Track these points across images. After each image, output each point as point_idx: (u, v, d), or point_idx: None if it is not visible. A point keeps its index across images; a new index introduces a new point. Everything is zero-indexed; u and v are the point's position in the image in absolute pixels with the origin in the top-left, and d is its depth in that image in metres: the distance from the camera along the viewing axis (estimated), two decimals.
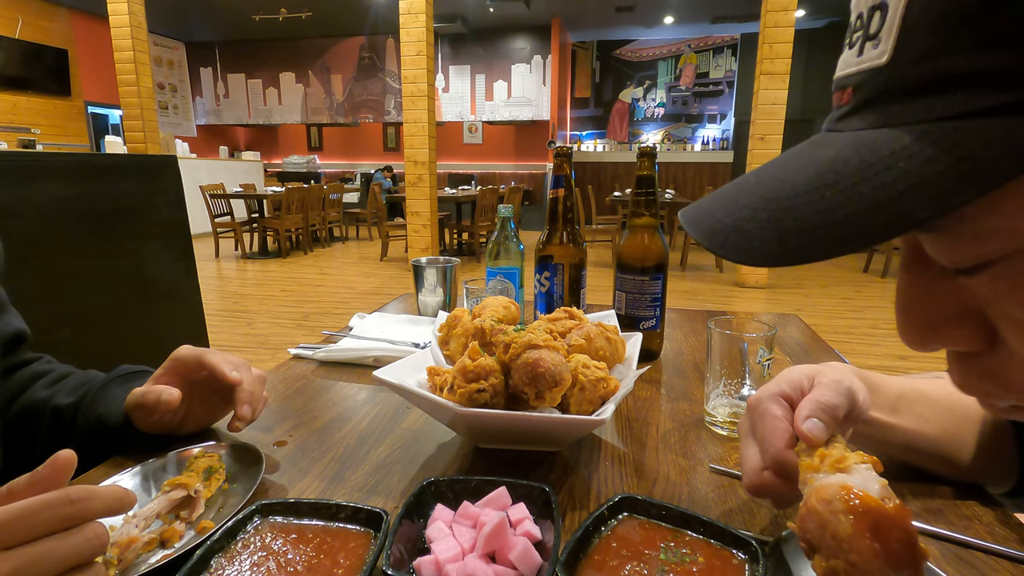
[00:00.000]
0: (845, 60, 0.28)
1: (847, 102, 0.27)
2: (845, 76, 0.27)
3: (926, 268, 0.29)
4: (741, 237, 0.27)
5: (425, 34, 5.72)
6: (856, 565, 0.33)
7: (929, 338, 0.30)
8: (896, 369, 3.41)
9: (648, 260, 0.95)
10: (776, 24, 5.09)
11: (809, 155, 0.28)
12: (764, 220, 0.27)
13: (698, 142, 10.87)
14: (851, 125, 0.27)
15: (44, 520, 0.35)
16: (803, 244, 0.25)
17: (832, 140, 0.28)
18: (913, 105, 0.23)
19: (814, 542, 0.35)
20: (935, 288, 0.29)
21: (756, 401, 0.49)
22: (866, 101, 0.26)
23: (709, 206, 0.31)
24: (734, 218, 0.28)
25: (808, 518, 0.36)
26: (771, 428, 0.46)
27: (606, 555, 0.45)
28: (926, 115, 0.23)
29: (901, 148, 0.23)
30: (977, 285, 0.26)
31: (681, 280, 5.93)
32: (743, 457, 0.49)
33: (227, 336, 3.89)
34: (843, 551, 0.33)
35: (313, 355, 0.98)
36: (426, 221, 6.16)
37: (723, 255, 0.28)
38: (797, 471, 0.41)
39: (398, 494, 0.58)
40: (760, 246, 0.26)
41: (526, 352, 0.60)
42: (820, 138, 0.29)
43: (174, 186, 1.74)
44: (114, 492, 0.39)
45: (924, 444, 0.56)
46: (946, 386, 0.60)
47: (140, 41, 6.29)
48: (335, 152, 12.18)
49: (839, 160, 0.25)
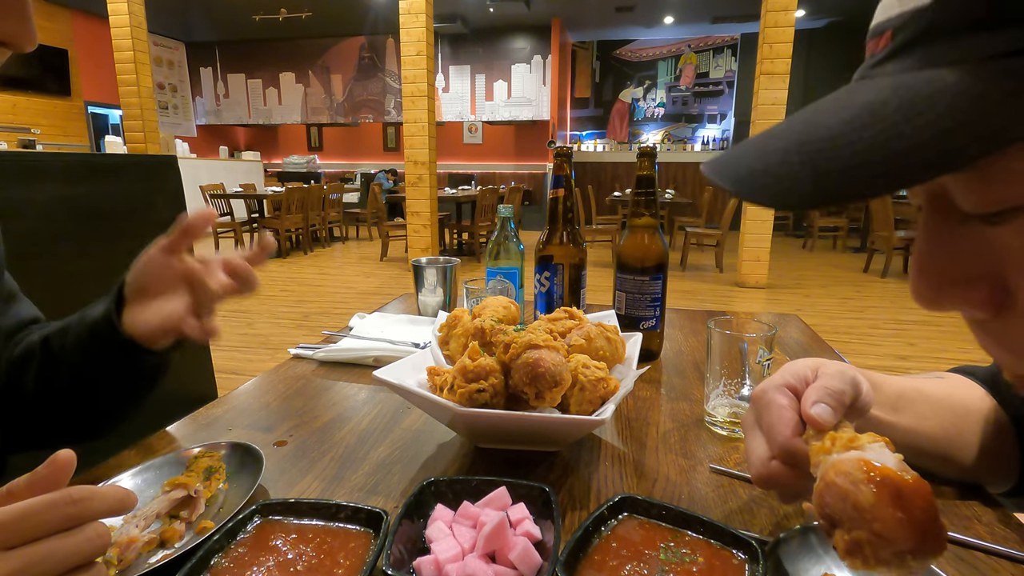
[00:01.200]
0: (885, 5, 0.27)
1: (884, 47, 0.27)
2: (885, 20, 0.27)
3: (948, 222, 0.28)
4: (771, 180, 0.26)
5: (425, 34, 5.72)
6: (881, 535, 0.32)
7: (942, 296, 0.30)
8: (896, 369, 3.41)
9: (648, 260, 0.95)
10: (776, 24, 5.09)
11: (843, 100, 0.27)
12: (796, 163, 0.26)
13: (698, 142, 10.87)
14: (887, 71, 0.26)
15: (46, 520, 0.35)
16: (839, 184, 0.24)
17: (867, 86, 0.27)
18: (959, 44, 0.23)
19: (834, 515, 0.34)
20: (956, 243, 0.29)
21: (761, 392, 0.48)
22: (906, 44, 0.25)
23: (734, 153, 0.30)
24: (764, 162, 0.27)
25: (827, 492, 0.35)
26: (777, 417, 0.45)
27: (606, 555, 0.45)
28: (973, 54, 0.22)
29: (946, 87, 0.23)
30: (1003, 235, 0.26)
31: (681, 280, 5.93)
32: (749, 449, 0.48)
33: (227, 336, 3.89)
34: (866, 521, 0.33)
35: (313, 355, 0.98)
36: (426, 221, 6.16)
37: (752, 199, 0.27)
38: (805, 459, 0.40)
39: (398, 494, 0.58)
40: (792, 187, 0.25)
41: (526, 352, 0.60)
42: (852, 86, 0.28)
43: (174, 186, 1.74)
44: (115, 492, 0.39)
45: (924, 443, 0.56)
46: (946, 386, 0.60)
47: (140, 41, 6.29)
48: (335, 152, 12.18)
49: (877, 102, 0.25)
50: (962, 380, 0.62)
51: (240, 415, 0.77)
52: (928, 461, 0.57)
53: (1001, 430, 0.57)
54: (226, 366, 3.35)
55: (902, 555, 0.32)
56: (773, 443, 0.45)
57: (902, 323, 4.37)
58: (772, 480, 0.45)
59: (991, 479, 0.58)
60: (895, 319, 4.48)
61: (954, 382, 0.61)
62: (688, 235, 6.52)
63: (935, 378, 0.61)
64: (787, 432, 0.44)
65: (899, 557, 0.32)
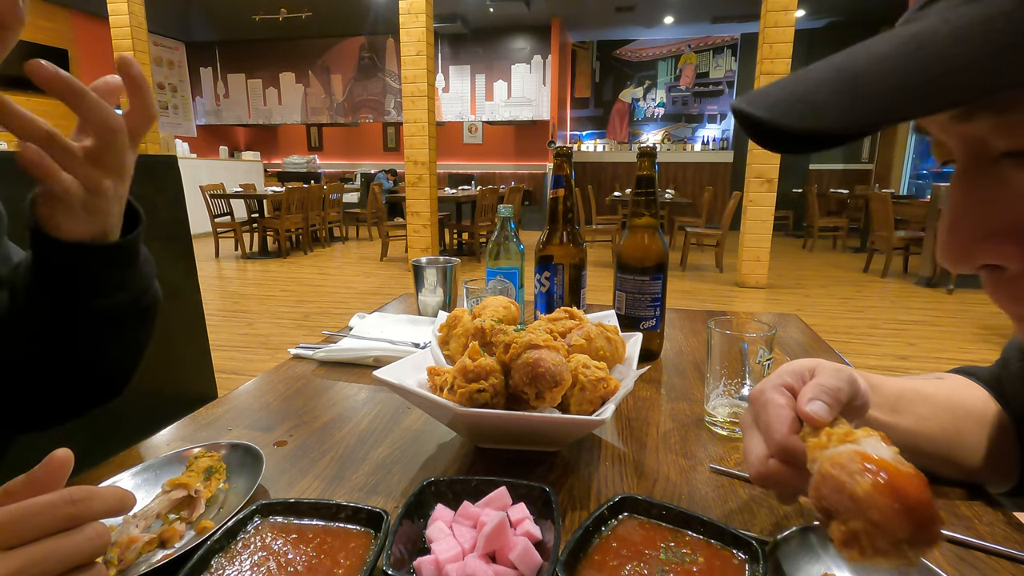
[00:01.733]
0: None
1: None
2: None
3: (982, 172, 0.29)
4: (806, 106, 0.25)
5: (425, 34, 5.72)
6: (877, 524, 0.32)
7: (972, 252, 0.30)
8: (896, 369, 3.41)
9: (648, 260, 0.95)
10: (776, 24, 5.09)
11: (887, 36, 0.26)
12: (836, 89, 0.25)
13: (698, 142, 10.86)
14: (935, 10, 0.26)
15: (46, 520, 0.35)
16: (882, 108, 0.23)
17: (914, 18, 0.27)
18: None
19: (831, 507, 0.35)
20: (990, 193, 0.29)
21: (758, 392, 0.48)
22: None
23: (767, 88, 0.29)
24: (801, 89, 0.26)
25: (823, 483, 0.35)
26: (775, 416, 0.45)
27: (606, 555, 0.45)
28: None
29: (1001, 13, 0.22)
30: None
31: (681, 280, 5.93)
32: (747, 448, 0.48)
33: (227, 336, 3.89)
34: (862, 511, 0.33)
35: (313, 355, 0.98)
36: (426, 221, 6.17)
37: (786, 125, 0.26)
38: (803, 457, 0.40)
39: (398, 494, 0.58)
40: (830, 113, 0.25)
41: (526, 352, 0.60)
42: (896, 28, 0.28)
43: (174, 186, 1.74)
44: (115, 493, 0.39)
45: (925, 444, 0.56)
46: (946, 387, 0.60)
47: (140, 41, 6.29)
48: (335, 152, 12.18)
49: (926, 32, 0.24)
50: (963, 381, 0.62)
51: (240, 415, 0.77)
52: (928, 461, 0.57)
53: (1002, 431, 0.57)
54: (226, 366, 3.35)
55: (899, 544, 0.32)
56: (771, 441, 0.45)
57: (902, 323, 4.37)
58: (771, 478, 0.45)
59: (992, 479, 0.58)
60: (895, 319, 4.48)
61: (954, 383, 0.61)
62: (688, 235, 6.52)
63: (935, 379, 0.61)
64: (784, 430, 0.44)
65: (896, 547, 0.32)
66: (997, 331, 4.13)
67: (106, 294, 0.58)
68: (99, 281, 0.57)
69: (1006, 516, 0.53)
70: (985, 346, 3.84)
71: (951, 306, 4.90)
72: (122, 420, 1.19)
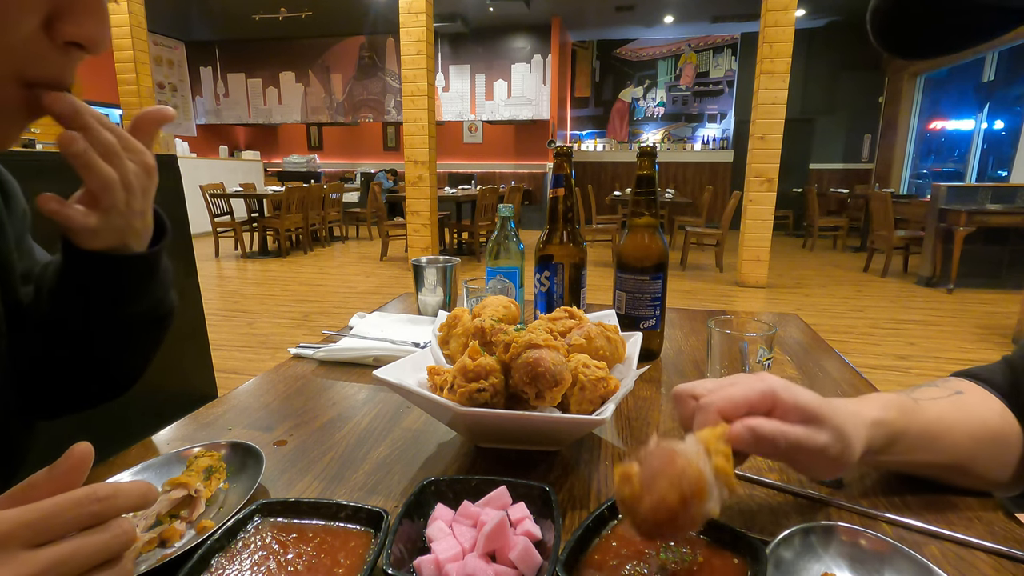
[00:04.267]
0: None
1: None
2: None
3: None
4: None
5: (425, 34, 5.72)
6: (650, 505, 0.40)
7: None
8: (896, 369, 3.41)
9: (648, 260, 0.95)
10: (776, 24, 5.09)
11: None
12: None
13: (698, 142, 10.87)
14: None
15: (73, 518, 0.35)
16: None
17: None
18: None
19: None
20: None
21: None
22: None
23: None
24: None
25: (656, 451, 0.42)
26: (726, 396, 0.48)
27: (606, 555, 0.45)
28: None
29: None
30: None
31: (681, 280, 5.93)
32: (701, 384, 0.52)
33: (227, 336, 3.89)
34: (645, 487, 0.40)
35: (313, 355, 0.98)
36: (426, 221, 6.17)
37: None
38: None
39: (398, 494, 0.58)
40: None
41: (526, 352, 0.60)
42: None
43: (174, 186, 1.74)
44: (138, 488, 0.39)
45: (943, 474, 0.57)
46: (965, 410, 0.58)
47: (140, 41, 6.28)
48: (335, 152, 12.18)
49: None
50: (980, 396, 0.60)
51: (240, 415, 0.77)
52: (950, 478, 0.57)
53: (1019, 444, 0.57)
54: (226, 366, 3.35)
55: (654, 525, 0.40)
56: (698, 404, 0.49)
57: (902, 323, 4.37)
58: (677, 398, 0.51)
59: (1005, 490, 0.58)
60: (895, 319, 4.48)
61: (971, 402, 0.60)
62: (688, 235, 6.52)
63: (954, 394, 0.60)
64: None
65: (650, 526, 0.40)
66: (997, 331, 4.13)
67: (124, 303, 0.60)
68: (118, 291, 0.59)
69: (1006, 516, 0.53)
70: (985, 346, 3.84)
71: (951, 306, 4.90)
72: (122, 420, 1.19)
